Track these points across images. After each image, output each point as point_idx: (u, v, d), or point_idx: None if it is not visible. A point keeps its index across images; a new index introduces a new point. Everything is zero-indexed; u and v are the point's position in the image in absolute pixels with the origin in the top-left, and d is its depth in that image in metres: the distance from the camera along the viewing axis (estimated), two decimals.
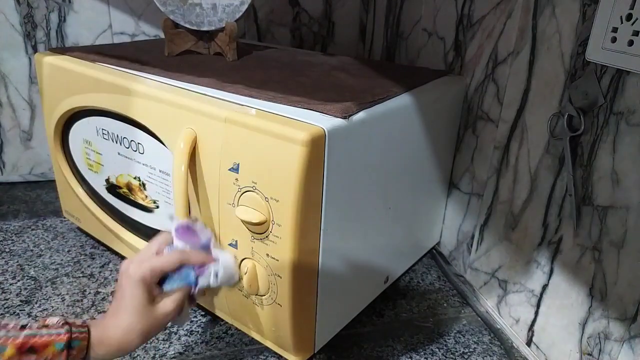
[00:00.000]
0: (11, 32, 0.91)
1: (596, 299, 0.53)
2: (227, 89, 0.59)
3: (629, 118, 0.47)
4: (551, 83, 0.57)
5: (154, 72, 0.65)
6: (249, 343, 0.65)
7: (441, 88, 0.70)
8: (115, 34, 0.96)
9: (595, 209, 0.52)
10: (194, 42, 0.77)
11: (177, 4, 0.73)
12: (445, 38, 0.78)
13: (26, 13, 0.90)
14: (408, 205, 0.71)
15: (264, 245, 0.52)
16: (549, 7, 0.56)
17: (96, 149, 0.71)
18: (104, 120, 0.67)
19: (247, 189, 0.51)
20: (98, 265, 0.79)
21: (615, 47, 0.46)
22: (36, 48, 0.93)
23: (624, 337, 0.50)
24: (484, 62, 0.69)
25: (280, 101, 0.55)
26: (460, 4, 0.73)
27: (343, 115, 0.51)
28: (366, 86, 0.63)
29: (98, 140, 0.70)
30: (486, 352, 0.65)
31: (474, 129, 0.73)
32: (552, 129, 0.57)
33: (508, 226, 0.66)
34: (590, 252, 0.53)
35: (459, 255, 0.80)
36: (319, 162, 0.49)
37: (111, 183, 0.72)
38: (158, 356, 0.62)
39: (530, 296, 0.63)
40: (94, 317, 0.67)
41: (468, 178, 0.75)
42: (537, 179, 0.60)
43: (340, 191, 0.53)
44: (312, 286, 0.55)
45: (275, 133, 0.48)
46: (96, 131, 0.69)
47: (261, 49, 0.86)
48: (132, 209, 0.71)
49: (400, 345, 0.66)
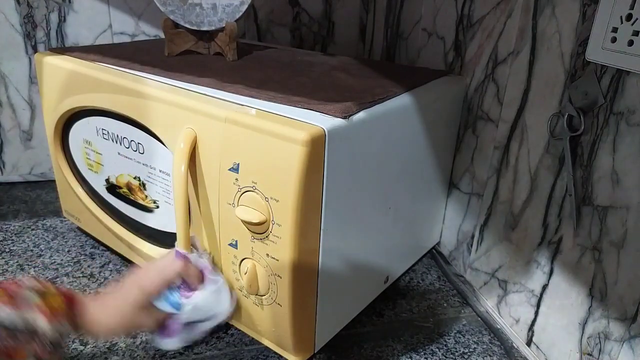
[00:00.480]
0: (11, 32, 0.91)
1: (596, 299, 0.53)
2: (227, 89, 0.59)
3: (629, 118, 0.47)
4: (551, 83, 0.57)
5: (154, 72, 0.65)
6: (249, 343, 0.65)
7: (441, 88, 0.70)
8: (115, 34, 0.96)
9: (595, 209, 0.52)
10: (194, 42, 0.77)
11: (177, 4, 0.73)
12: (445, 38, 0.78)
13: (26, 13, 0.90)
14: (408, 205, 0.71)
15: (264, 245, 0.52)
16: (549, 7, 0.56)
17: (96, 149, 0.71)
18: (104, 120, 0.67)
19: (247, 189, 0.51)
20: (98, 265, 0.79)
21: (615, 47, 0.46)
22: (36, 48, 0.93)
23: (624, 337, 0.50)
24: (484, 62, 0.69)
25: (280, 101, 0.55)
26: (460, 4, 0.73)
27: (343, 115, 0.51)
28: (366, 86, 0.63)
29: (98, 140, 0.70)
30: (486, 352, 0.65)
31: (474, 129, 0.73)
32: (552, 129, 0.57)
33: (508, 226, 0.66)
34: (590, 252, 0.53)
35: (459, 255, 0.80)
36: (319, 162, 0.49)
37: (111, 183, 0.72)
38: (158, 356, 0.62)
39: (530, 296, 0.63)
40: None
41: (468, 178, 0.75)
42: (537, 179, 0.60)
43: (340, 191, 0.53)
44: (312, 286, 0.55)
45: (275, 133, 0.48)
46: (96, 131, 0.69)
47: (261, 49, 0.86)
48: (132, 209, 0.71)
49: (400, 345, 0.66)
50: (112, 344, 0.63)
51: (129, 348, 0.63)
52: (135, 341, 0.64)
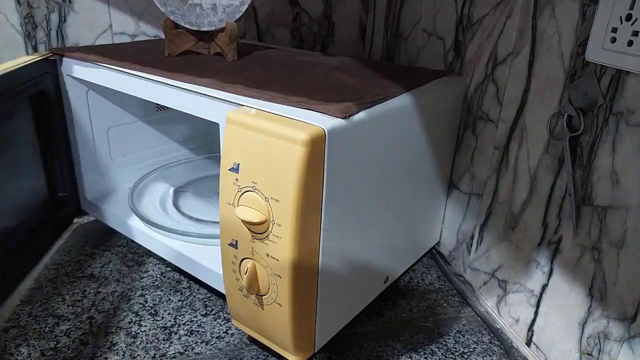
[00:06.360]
0: (11, 32, 0.91)
1: (596, 299, 0.53)
2: (227, 89, 0.59)
3: (628, 118, 0.47)
4: (551, 83, 0.57)
5: (154, 73, 0.65)
6: (249, 343, 0.65)
7: (441, 88, 0.70)
8: (115, 34, 0.96)
9: (595, 209, 0.52)
10: (194, 43, 0.77)
11: (177, 4, 0.73)
12: (445, 38, 0.78)
13: (26, 13, 0.90)
14: (408, 205, 0.71)
15: (264, 245, 0.52)
16: (548, 7, 0.56)
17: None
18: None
19: (247, 189, 0.51)
20: (98, 265, 0.79)
21: (615, 47, 0.46)
22: (36, 48, 0.93)
23: (624, 337, 0.50)
24: (483, 62, 0.69)
25: (280, 101, 0.55)
26: (460, 4, 0.74)
27: (343, 115, 0.51)
28: (366, 86, 0.63)
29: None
30: (486, 352, 0.65)
31: (474, 129, 0.73)
32: (552, 129, 0.57)
33: (508, 226, 0.66)
34: (590, 252, 0.53)
35: (459, 255, 0.80)
36: (319, 162, 0.49)
37: None
38: (158, 356, 0.62)
39: (530, 296, 0.63)
40: (94, 317, 0.68)
41: (468, 178, 0.75)
42: (537, 179, 0.60)
43: (340, 191, 0.53)
44: (312, 286, 0.55)
45: (275, 133, 0.48)
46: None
47: (261, 49, 0.86)
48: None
49: (400, 345, 0.66)
50: (112, 344, 0.63)
51: (129, 348, 0.63)
52: (135, 341, 0.64)
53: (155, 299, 0.71)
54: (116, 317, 0.68)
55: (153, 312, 0.69)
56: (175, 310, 0.70)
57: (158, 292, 0.73)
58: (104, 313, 0.68)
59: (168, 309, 0.70)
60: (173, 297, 0.72)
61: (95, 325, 0.66)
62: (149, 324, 0.67)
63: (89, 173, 0.82)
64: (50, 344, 0.63)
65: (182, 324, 0.67)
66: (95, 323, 0.67)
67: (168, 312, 0.69)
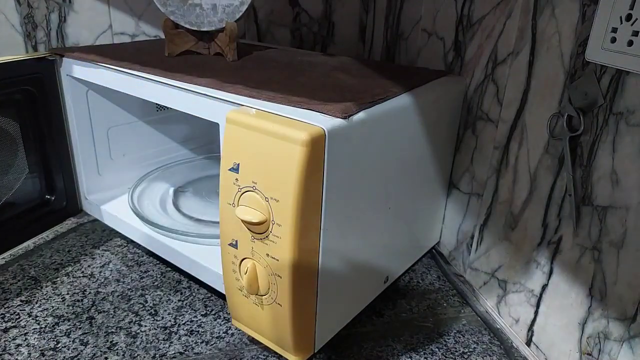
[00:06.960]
0: (11, 32, 0.91)
1: (596, 299, 0.53)
2: (227, 89, 0.59)
3: (628, 118, 0.47)
4: (551, 83, 0.57)
5: (154, 73, 0.65)
6: (249, 343, 0.65)
7: (441, 88, 0.70)
8: (115, 34, 0.96)
9: (595, 209, 0.52)
10: (194, 43, 0.77)
11: (177, 4, 0.73)
12: (445, 38, 0.78)
13: (26, 13, 0.90)
14: (408, 205, 0.71)
15: (264, 245, 0.52)
16: (548, 7, 0.56)
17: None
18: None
19: (247, 189, 0.51)
20: (98, 265, 0.79)
21: (614, 47, 0.46)
22: (36, 48, 0.93)
23: (624, 337, 0.50)
24: (483, 62, 0.69)
25: (280, 101, 0.55)
26: (460, 4, 0.74)
27: (343, 115, 0.51)
28: (366, 86, 0.63)
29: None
30: (486, 352, 0.65)
31: (474, 129, 0.73)
32: (552, 129, 0.57)
33: (508, 226, 0.66)
34: (590, 252, 0.53)
35: (459, 255, 0.80)
36: (319, 162, 0.49)
37: None
38: (158, 356, 0.62)
39: (530, 296, 0.63)
40: (93, 317, 0.68)
41: (468, 178, 0.75)
42: (537, 179, 0.60)
43: (340, 191, 0.53)
44: (312, 286, 0.55)
45: (275, 133, 0.48)
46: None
47: (261, 49, 0.86)
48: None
49: (400, 345, 0.66)
50: (112, 344, 0.63)
51: (129, 348, 0.63)
52: (135, 341, 0.64)
53: (155, 299, 0.71)
54: (116, 317, 0.68)
55: (153, 312, 0.69)
56: (175, 310, 0.70)
57: (158, 292, 0.73)
58: (104, 313, 0.68)
59: (168, 309, 0.70)
60: (173, 297, 0.72)
61: (95, 325, 0.66)
62: (149, 324, 0.67)
63: (89, 173, 0.82)
64: (50, 344, 0.63)
65: (182, 324, 0.67)
66: (95, 323, 0.67)
67: (168, 312, 0.69)
